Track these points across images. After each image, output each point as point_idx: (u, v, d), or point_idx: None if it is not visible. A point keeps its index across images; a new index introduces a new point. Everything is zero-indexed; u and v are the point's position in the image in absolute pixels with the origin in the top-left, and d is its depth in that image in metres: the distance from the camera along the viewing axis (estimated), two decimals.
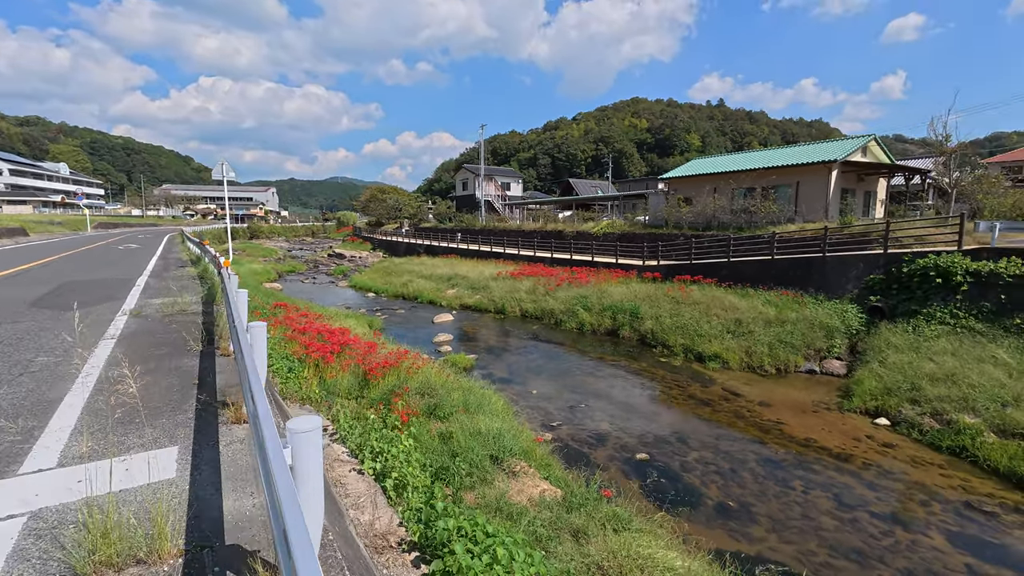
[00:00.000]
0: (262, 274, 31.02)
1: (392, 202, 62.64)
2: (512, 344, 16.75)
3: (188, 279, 13.32)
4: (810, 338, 13.93)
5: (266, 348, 4.02)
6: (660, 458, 8.53)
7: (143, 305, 9.90)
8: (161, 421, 4.27)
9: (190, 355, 6.36)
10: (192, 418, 4.28)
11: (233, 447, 3.79)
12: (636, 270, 22.52)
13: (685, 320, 16.11)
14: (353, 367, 9.00)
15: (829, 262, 16.18)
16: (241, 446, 3.77)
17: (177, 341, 7.07)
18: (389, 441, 4.89)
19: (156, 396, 4.87)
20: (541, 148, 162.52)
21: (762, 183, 23.72)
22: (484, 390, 9.83)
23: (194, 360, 6.13)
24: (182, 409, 4.52)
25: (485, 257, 34.06)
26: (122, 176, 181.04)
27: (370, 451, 4.74)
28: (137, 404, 4.39)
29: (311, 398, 6.53)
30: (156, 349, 6.68)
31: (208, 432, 4.01)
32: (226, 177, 14.28)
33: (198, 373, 5.55)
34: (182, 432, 4.03)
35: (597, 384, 12.57)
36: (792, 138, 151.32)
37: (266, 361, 3.82)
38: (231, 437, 3.95)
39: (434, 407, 8.23)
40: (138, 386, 4.77)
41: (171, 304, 9.65)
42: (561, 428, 9.74)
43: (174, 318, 8.73)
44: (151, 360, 6.12)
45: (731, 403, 11.24)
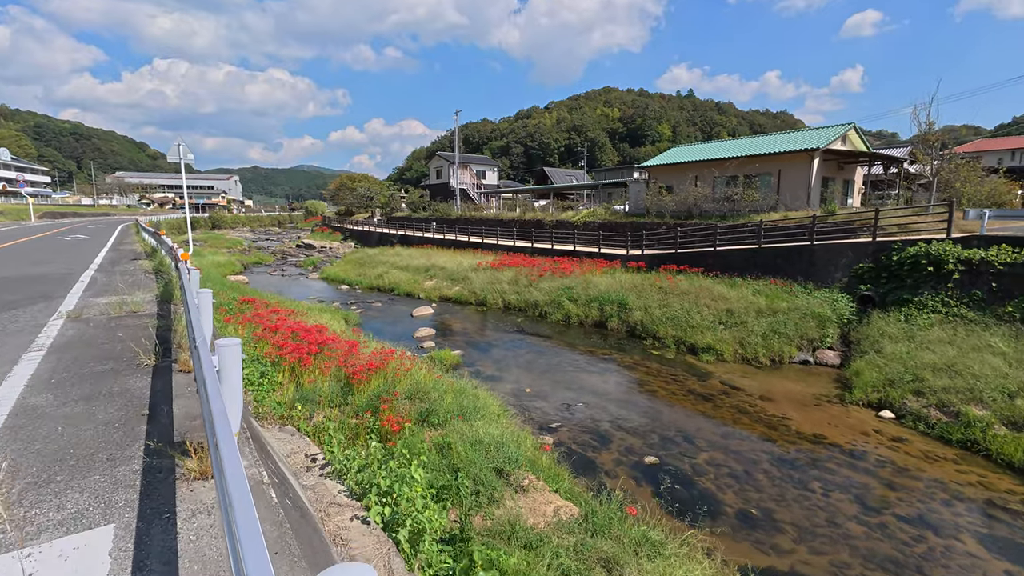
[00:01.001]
0: (226, 266, 29.34)
1: (363, 191, 60.64)
2: (498, 338, 16.05)
3: (141, 273, 11.85)
4: (803, 328, 13.70)
5: (241, 376, 2.82)
6: (670, 461, 8.01)
7: (85, 306, 8.48)
8: (93, 479, 3.08)
9: (139, 372, 5.09)
10: (139, 473, 3.11)
11: (198, 522, 2.66)
12: (620, 260, 22.07)
13: (675, 311, 15.71)
14: (334, 370, 8.13)
15: (817, 251, 16.02)
16: (209, 520, 2.67)
17: (124, 353, 5.78)
18: (399, 478, 4.04)
19: (89, 438, 3.61)
20: (514, 137, 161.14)
21: (744, 171, 23.55)
22: (476, 391, 9.11)
23: (144, 379, 4.84)
24: (124, 458, 3.31)
25: (463, 247, 33.13)
26: (71, 163, 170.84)
27: (376, 492, 3.88)
28: (61, 450, 3.36)
29: (292, 416, 5.65)
30: (96, 365, 5.36)
31: (160, 497, 2.87)
32: (183, 159, 12.89)
33: (149, 399, 4.31)
34: (122, 498, 2.87)
35: (591, 380, 12.01)
36: (759, 129, 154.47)
37: (241, 398, 2.70)
38: (195, 505, 2.80)
39: (427, 413, 7.47)
40: (65, 423, 3.76)
41: (119, 304, 8.29)
42: (560, 430, 9.12)
43: (122, 322, 7.40)
44: (88, 381, 4.84)
45: (732, 398, 10.85)
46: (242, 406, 2.73)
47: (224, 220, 75.99)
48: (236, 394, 2.52)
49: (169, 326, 7.10)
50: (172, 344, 6.15)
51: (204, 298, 4.34)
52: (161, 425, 3.83)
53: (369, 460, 4.22)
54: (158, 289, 9.71)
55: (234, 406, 2.47)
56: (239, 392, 2.55)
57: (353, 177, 63.85)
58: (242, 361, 8.05)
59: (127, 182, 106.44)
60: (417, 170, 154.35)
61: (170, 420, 3.91)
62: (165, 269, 11.90)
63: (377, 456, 4.29)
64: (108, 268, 12.93)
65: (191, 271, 6.22)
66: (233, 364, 2.64)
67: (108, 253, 16.94)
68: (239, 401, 2.60)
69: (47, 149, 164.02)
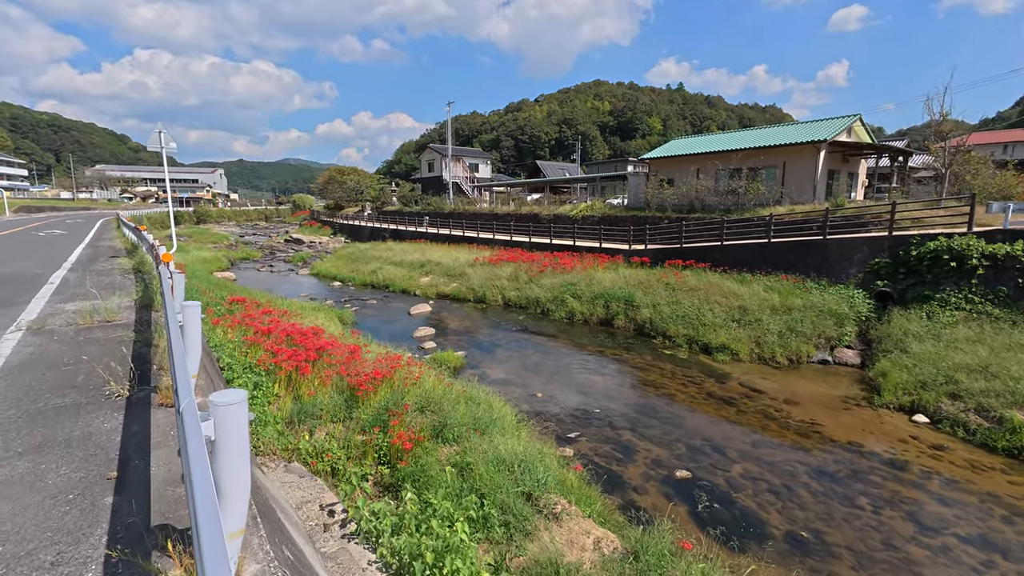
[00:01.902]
0: (212, 262, 28.24)
1: (353, 184, 59.32)
2: (501, 337, 15.36)
3: (119, 274, 10.84)
4: (820, 326, 13.19)
5: (249, 461, 1.85)
6: (702, 475, 7.40)
7: (51, 314, 7.37)
8: None
9: (109, 407, 4.00)
10: None
11: None
12: (623, 255, 21.46)
13: (685, 308, 15.13)
14: (336, 380, 7.39)
15: (830, 245, 15.51)
16: None
17: (91, 379, 4.68)
18: (446, 544, 3.25)
19: (30, 523, 2.57)
20: (504, 130, 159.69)
21: (748, 164, 23.01)
22: (488, 397, 8.45)
23: (115, 418, 3.78)
24: (77, 560, 2.27)
25: (457, 242, 32.33)
26: (49, 156, 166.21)
27: (421, 568, 3.04)
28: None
29: (300, 449, 4.89)
30: (54, 396, 4.26)
31: None
32: (165, 149, 11.91)
33: (119, 451, 3.27)
34: None
35: (604, 383, 11.38)
36: (748, 122, 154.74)
37: (248, 485, 1.78)
38: None
39: (440, 427, 6.77)
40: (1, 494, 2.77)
41: (90, 312, 7.15)
42: (580, 440, 8.48)
43: (92, 335, 6.30)
44: (41, 422, 3.75)
45: (755, 401, 10.29)
46: (247, 501, 1.82)
47: (209, 214, 74.11)
48: (242, 479, 1.70)
49: (148, 340, 6.06)
50: (151, 364, 5.11)
51: (191, 315, 3.40)
52: (134, 496, 2.82)
53: (404, 518, 3.44)
54: (137, 292, 8.69)
55: (238, 499, 1.67)
56: (246, 475, 1.70)
57: (342, 170, 62.45)
58: (233, 369, 7.24)
59: (108, 175, 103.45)
60: (406, 164, 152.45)
61: (146, 487, 2.90)
62: (146, 268, 10.97)
63: (414, 512, 3.52)
64: (83, 267, 11.89)
65: (174, 275, 5.27)
66: (235, 436, 1.66)
67: (84, 250, 15.90)
68: (244, 493, 1.73)
69: (24, 141, 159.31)
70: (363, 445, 6.27)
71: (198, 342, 3.41)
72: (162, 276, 5.39)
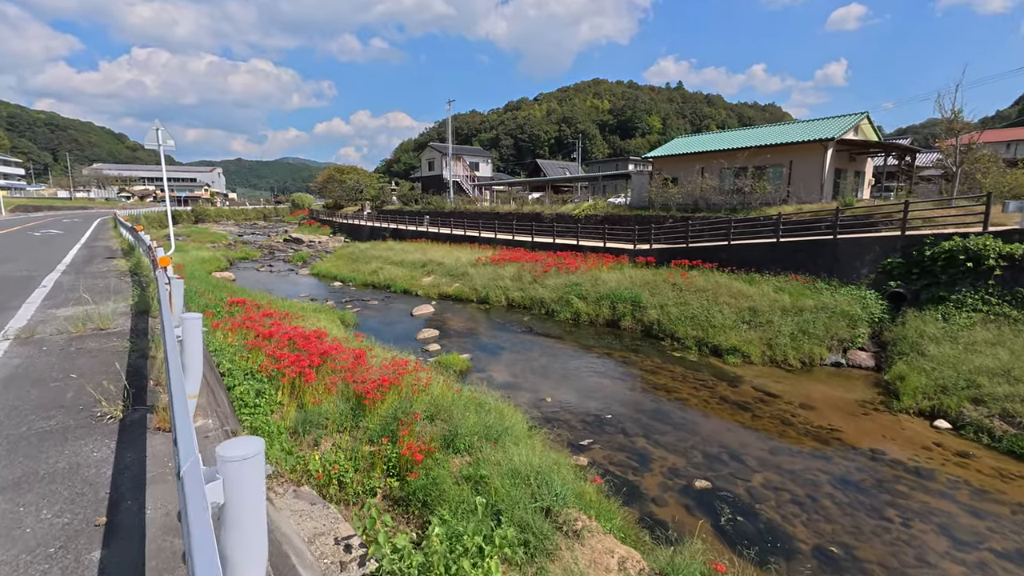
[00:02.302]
0: (211, 262, 27.90)
1: (352, 183, 58.94)
2: (506, 339, 15.08)
3: (115, 276, 10.52)
4: (832, 328, 12.93)
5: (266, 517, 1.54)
6: (722, 485, 7.13)
7: (41, 320, 6.94)
8: None
9: (99, 432, 3.58)
10: None
11: None
12: (627, 254, 21.18)
13: (694, 309, 14.87)
14: (342, 386, 7.10)
15: (841, 245, 15.25)
16: None
17: (81, 397, 4.25)
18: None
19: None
20: (503, 128, 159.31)
21: (754, 163, 22.74)
22: (499, 404, 8.17)
23: (106, 445, 3.37)
24: None
25: (459, 241, 32.04)
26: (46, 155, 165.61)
27: None
28: None
29: (309, 471, 4.60)
30: (40, 418, 3.83)
31: None
32: (163, 146, 11.59)
33: (110, 487, 2.89)
34: None
35: (614, 387, 11.11)
36: (748, 121, 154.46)
37: (264, 557, 1.47)
38: None
39: (451, 437, 6.49)
40: None
41: (83, 319, 6.73)
42: (594, 448, 8.20)
43: (85, 345, 5.88)
44: (23, 449, 3.36)
45: (770, 406, 10.02)
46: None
47: (207, 213, 73.76)
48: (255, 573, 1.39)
49: (144, 351, 5.63)
50: (147, 379, 4.66)
51: (191, 328, 3.04)
52: (125, 549, 2.41)
53: (432, 556, 3.11)
54: (133, 297, 8.34)
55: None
56: (262, 565, 1.36)
57: (342, 169, 62.07)
58: (234, 375, 6.95)
59: (105, 174, 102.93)
60: (405, 163, 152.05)
61: (140, 535, 2.49)
62: (143, 271, 10.64)
63: (442, 552, 3.20)
64: (78, 269, 11.56)
65: (172, 280, 4.90)
66: (250, 500, 1.34)
67: (80, 251, 15.57)
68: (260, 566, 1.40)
69: (21, 140, 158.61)
70: (371, 456, 6.00)
71: (199, 358, 3.10)
72: (159, 281, 5.03)
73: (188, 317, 3.11)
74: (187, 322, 3.09)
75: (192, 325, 3.10)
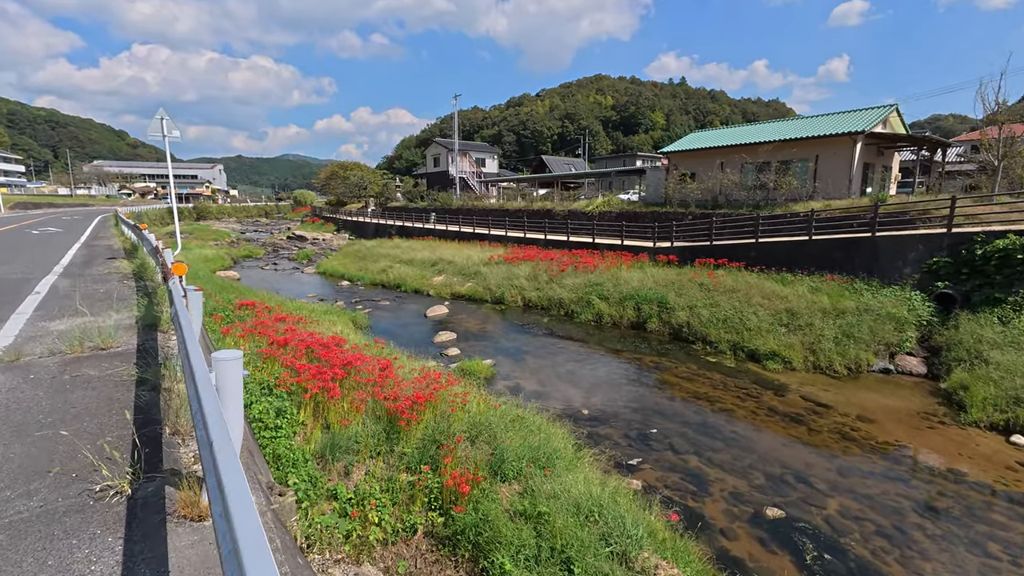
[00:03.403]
0: (215, 260, 27.22)
1: (356, 179, 58.13)
2: (527, 342, 14.33)
3: (118, 280, 9.70)
4: (878, 331, 12.17)
5: None
6: (796, 513, 6.38)
7: (31, 337, 5.89)
8: None
9: (98, 522, 2.53)
10: None
11: None
12: (647, 252, 20.42)
13: (725, 311, 14.11)
14: (372, 404, 6.35)
15: (881, 243, 14.46)
16: None
17: (73, 454, 3.20)
18: None
19: None
20: (505, 125, 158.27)
21: (778, 157, 21.92)
22: (537, 418, 7.44)
23: (108, 551, 2.32)
24: None
25: (467, 239, 31.28)
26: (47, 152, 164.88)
27: None
28: None
29: (369, 544, 3.79)
30: (16, 495, 2.76)
31: None
32: (167, 137, 10.80)
33: None
34: None
35: (651, 396, 10.37)
36: (752, 117, 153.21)
37: None
38: None
39: (497, 462, 5.76)
40: None
41: (80, 335, 5.71)
42: (643, 468, 7.46)
43: (81, 372, 4.83)
44: None
45: (824, 418, 9.27)
46: None
47: (209, 211, 72.98)
48: None
49: (155, 381, 4.62)
50: (161, 425, 3.59)
51: (229, 376, 2.07)
52: None
53: None
54: (139, 308, 7.50)
55: None
56: None
57: (345, 165, 61.25)
58: (250, 391, 6.23)
59: (106, 171, 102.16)
60: (407, 159, 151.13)
61: None
62: (148, 274, 9.86)
63: None
64: (76, 272, 10.72)
65: (189, 293, 3.99)
66: None
67: (80, 251, 14.81)
68: None
69: (21, 137, 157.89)
70: (410, 487, 5.27)
71: (239, 415, 2.23)
72: (173, 293, 4.11)
73: (224, 358, 2.19)
74: (222, 365, 2.14)
75: (229, 370, 2.18)
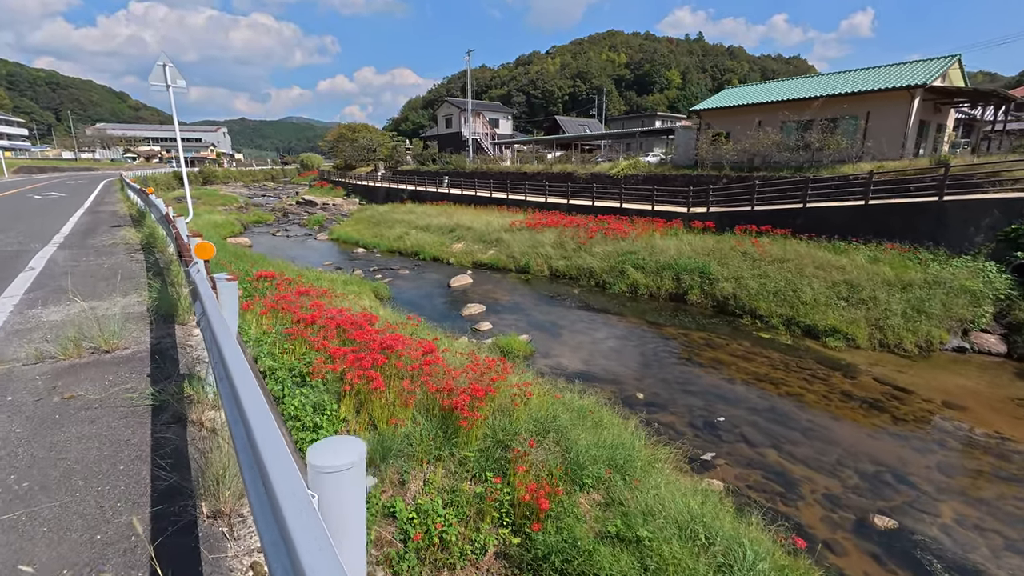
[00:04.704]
0: (225, 226, 26.30)
1: (364, 142, 56.28)
2: (560, 315, 13.43)
3: (124, 251, 8.67)
4: (950, 306, 11.13)
5: None
6: (908, 523, 5.56)
7: (16, 331, 4.78)
8: None
9: None
10: None
11: None
12: (681, 219, 19.23)
13: (776, 283, 13.07)
14: (423, 396, 5.50)
15: (949, 208, 13.21)
16: None
17: (64, 557, 2.05)
18: None
19: None
20: (515, 84, 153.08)
21: (823, 114, 20.28)
22: (603, 410, 6.62)
23: None
24: None
25: (484, 204, 30.06)
26: (49, 115, 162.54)
27: None
28: None
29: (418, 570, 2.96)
30: None
31: None
32: (172, 85, 9.58)
33: None
34: None
35: (708, 378, 9.49)
36: (771, 75, 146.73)
37: None
38: None
39: (573, 467, 4.94)
40: None
41: (77, 332, 4.53)
42: (720, 465, 6.64)
43: (77, 390, 3.69)
44: None
45: (907, 404, 8.38)
46: None
47: (215, 175, 71.58)
48: None
49: (180, 412, 3.38)
50: (196, 506, 2.45)
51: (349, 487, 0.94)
52: None
53: None
54: (150, 292, 6.36)
55: None
56: None
57: (353, 127, 59.23)
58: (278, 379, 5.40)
59: (109, 134, 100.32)
60: (413, 121, 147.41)
61: None
62: (159, 245, 8.91)
63: None
64: (78, 242, 9.64)
65: (219, 284, 2.76)
66: None
67: (83, 217, 13.87)
68: None
69: (22, 100, 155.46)
70: (476, 499, 4.47)
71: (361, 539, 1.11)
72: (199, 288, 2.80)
73: (333, 467, 1.03)
74: (336, 480, 1.00)
75: (346, 485, 1.03)
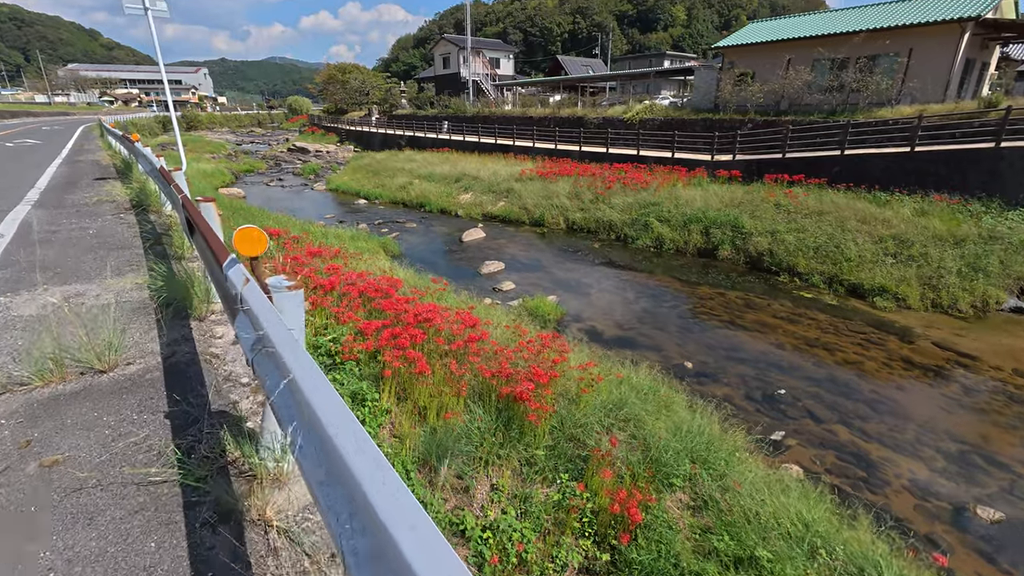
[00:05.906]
0: (215, 176, 24.79)
1: (356, 84, 53.10)
2: (585, 273, 12.64)
3: (111, 214, 7.35)
4: (1009, 264, 10.41)
5: None
6: (1017, 514, 5.05)
7: None
8: None
9: None
10: None
11: None
12: (704, 167, 18.10)
13: (816, 238, 12.25)
14: (473, 379, 4.76)
15: (1006, 156, 12.23)
16: None
17: None
18: None
19: None
20: (511, 21, 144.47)
21: (860, 52, 18.71)
22: (662, 385, 5.97)
23: None
24: None
25: (489, 151, 28.51)
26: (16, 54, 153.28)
27: None
28: None
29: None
30: None
31: None
32: (150, 8, 8.11)
33: None
34: None
35: (757, 344, 8.84)
36: (782, 11, 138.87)
37: None
38: None
39: (655, 465, 4.30)
40: None
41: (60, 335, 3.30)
42: (791, 445, 6.07)
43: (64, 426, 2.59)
44: None
45: (973, 372, 7.81)
46: None
47: (200, 120, 68.18)
48: None
49: (228, 499, 2.23)
50: None
51: None
52: None
53: None
54: (152, 271, 5.06)
55: None
56: None
57: (343, 68, 55.70)
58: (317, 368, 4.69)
59: (84, 76, 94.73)
60: (404, 61, 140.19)
61: None
62: (152, 202, 7.80)
63: None
64: (57, 199, 8.32)
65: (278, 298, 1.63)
66: None
67: (61, 168, 12.58)
68: None
69: None
70: (553, 508, 3.84)
71: None
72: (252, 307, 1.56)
73: None
74: None
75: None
